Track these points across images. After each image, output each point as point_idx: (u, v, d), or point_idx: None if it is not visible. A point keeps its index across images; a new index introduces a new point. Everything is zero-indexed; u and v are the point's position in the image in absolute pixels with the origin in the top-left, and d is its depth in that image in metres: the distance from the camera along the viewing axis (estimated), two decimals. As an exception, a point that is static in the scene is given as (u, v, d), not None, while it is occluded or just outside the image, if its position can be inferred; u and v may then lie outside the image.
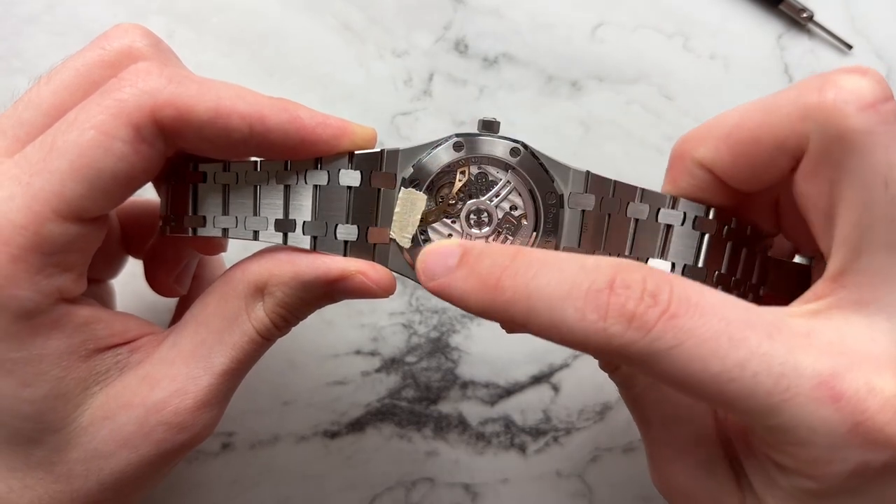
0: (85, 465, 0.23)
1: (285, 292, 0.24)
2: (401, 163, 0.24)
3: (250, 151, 0.24)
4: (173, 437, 0.24)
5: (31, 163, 0.22)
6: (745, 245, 0.25)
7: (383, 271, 0.24)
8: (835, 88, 0.20)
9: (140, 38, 0.24)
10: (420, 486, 0.37)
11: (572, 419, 0.38)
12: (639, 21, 0.41)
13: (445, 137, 0.24)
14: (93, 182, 0.21)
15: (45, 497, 0.23)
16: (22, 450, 0.23)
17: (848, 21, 0.41)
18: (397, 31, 0.40)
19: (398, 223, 0.24)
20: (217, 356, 0.24)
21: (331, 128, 0.23)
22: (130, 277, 0.33)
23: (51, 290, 0.22)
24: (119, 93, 0.22)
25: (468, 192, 0.25)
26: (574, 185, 0.24)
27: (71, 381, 0.23)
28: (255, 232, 0.24)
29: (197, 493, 0.36)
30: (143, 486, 0.25)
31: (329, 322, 0.37)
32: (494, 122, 0.25)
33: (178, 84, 0.22)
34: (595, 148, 0.39)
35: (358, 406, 0.37)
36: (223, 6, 0.39)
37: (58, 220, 0.21)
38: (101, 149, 0.21)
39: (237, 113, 0.22)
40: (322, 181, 0.24)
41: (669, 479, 0.24)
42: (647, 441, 0.25)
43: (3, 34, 0.37)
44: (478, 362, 0.38)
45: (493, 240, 0.25)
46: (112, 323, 0.24)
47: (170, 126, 0.22)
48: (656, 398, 0.24)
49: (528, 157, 0.24)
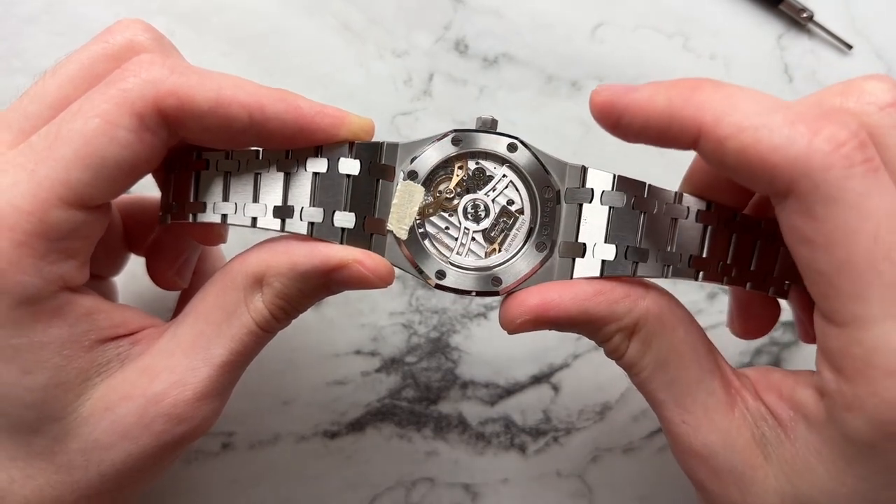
0: (85, 456, 0.23)
1: (283, 283, 0.24)
2: (400, 156, 0.25)
3: (250, 141, 0.24)
4: (173, 428, 0.24)
5: (35, 151, 0.22)
6: (759, 238, 0.25)
7: (380, 260, 0.24)
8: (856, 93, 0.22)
9: (142, 33, 0.25)
10: (420, 486, 0.37)
11: (572, 419, 0.38)
12: (639, 21, 0.41)
13: (444, 133, 0.25)
14: (97, 170, 0.22)
15: (46, 487, 0.23)
16: (23, 439, 0.23)
17: (848, 21, 0.41)
18: (397, 31, 0.40)
19: (396, 215, 0.24)
20: (216, 348, 0.24)
21: (329, 117, 0.24)
22: (131, 278, 0.33)
23: (54, 277, 0.22)
24: (123, 83, 0.22)
25: (465, 187, 0.25)
26: (570, 180, 0.24)
27: (72, 371, 0.23)
28: (253, 218, 0.25)
29: (197, 493, 0.36)
30: (143, 479, 0.25)
31: (329, 322, 0.37)
32: (492, 119, 0.25)
33: (180, 74, 0.23)
34: (595, 148, 0.39)
35: (358, 406, 0.37)
36: (223, 6, 0.39)
37: (62, 206, 0.22)
38: (106, 137, 0.22)
39: (237, 102, 0.23)
40: (321, 168, 0.24)
41: (691, 456, 0.24)
42: (665, 422, 0.25)
43: (3, 34, 0.37)
44: (478, 362, 0.38)
45: (491, 232, 0.25)
46: (113, 314, 0.24)
47: (172, 115, 0.22)
48: (667, 380, 0.24)
49: (525, 153, 0.25)
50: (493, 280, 0.25)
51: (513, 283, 0.25)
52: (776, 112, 0.20)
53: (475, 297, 0.25)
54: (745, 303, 0.30)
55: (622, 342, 0.24)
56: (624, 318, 0.24)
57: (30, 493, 0.23)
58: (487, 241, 0.25)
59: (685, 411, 0.24)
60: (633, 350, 0.24)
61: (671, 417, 0.24)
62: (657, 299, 0.24)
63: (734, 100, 0.21)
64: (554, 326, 0.24)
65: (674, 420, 0.24)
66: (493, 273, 0.25)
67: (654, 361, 0.24)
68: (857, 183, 0.19)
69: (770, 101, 0.21)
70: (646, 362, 0.24)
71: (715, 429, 0.24)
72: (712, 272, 0.24)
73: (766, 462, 0.23)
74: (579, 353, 0.38)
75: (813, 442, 0.22)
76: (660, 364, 0.24)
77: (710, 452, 0.24)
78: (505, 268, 0.25)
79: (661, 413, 0.25)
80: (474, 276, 0.25)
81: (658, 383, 0.24)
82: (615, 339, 0.24)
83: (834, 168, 0.19)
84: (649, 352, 0.24)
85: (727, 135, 0.20)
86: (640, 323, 0.24)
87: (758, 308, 0.30)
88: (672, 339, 0.24)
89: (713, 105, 0.21)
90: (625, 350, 0.24)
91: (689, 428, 0.24)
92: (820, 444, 0.22)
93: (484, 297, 0.32)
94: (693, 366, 0.24)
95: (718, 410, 0.24)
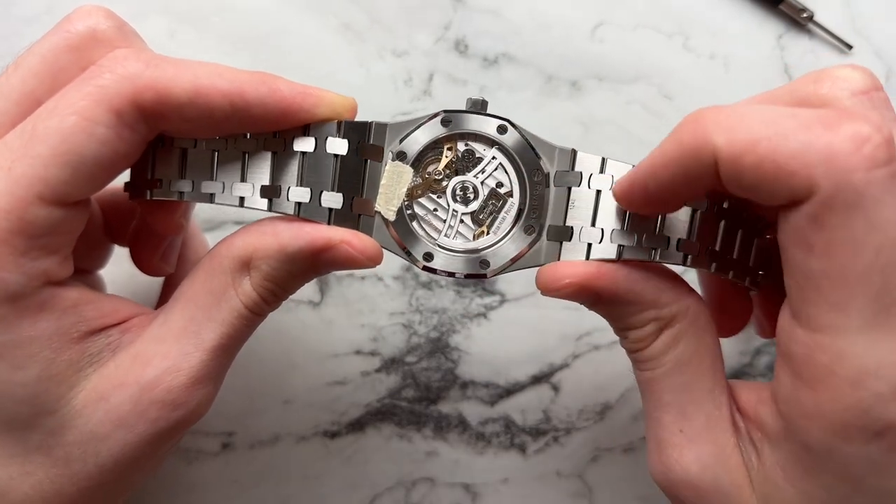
0: (82, 448, 0.23)
1: (271, 265, 0.24)
2: (389, 136, 0.24)
3: (233, 128, 0.24)
4: (168, 414, 0.23)
5: (11, 149, 0.22)
6: (741, 227, 0.25)
7: (368, 240, 0.24)
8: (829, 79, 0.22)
9: (104, 21, 0.24)
10: (420, 486, 0.37)
11: (572, 419, 0.38)
12: (639, 21, 0.41)
13: (433, 113, 0.25)
14: (76, 167, 0.22)
15: (45, 481, 0.23)
16: (19, 435, 0.23)
17: (848, 21, 0.41)
18: (397, 31, 0.40)
19: (384, 196, 0.24)
20: (207, 332, 0.24)
21: (311, 97, 0.23)
22: (129, 277, 0.33)
23: (37, 273, 0.22)
24: (99, 79, 0.22)
25: (455, 169, 0.25)
26: (560, 163, 0.24)
27: (62, 363, 0.23)
28: (240, 198, 0.24)
29: (197, 493, 0.36)
30: (142, 468, 0.25)
31: (329, 322, 0.37)
32: (482, 100, 0.25)
33: (155, 67, 0.22)
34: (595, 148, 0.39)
35: (358, 406, 0.37)
36: (224, 6, 0.39)
37: (41, 204, 0.22)
38: (84, 134, 0.22)
39: (216, 90, 0.22)
40: (309, 148, 0.24)
41: (675, 469, 0.24)
42: (659, 427, 0.24)
43: (3, 34, 0.37)
44: (478, 362, 0.38)
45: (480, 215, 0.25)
46: (101, 304, 0.24)
47: (151, 109, 0.22)
48: (681, 382, 0.24)
49: (514, 135, 0.25)
50: (480, 262, 0.25)
51: (500, 266, 0.24)
52: (787, 118, 0.20)
53: (464, 279, 0.25)
54: (717, 297, 0.30)
55: (652, 332, 0.24)
56: (666, 307, 0.23)
57: (29, 489, 0.23)
58: (476, 224, 0.25)
59: (685, 419, 0.24)
60: (660, 343, 0.24)
61: (669, 423, 0.24)
62: (699, 300, 0.24)
63: (739, 115, 0.20)
64: (593, 298, 0.24)
65: (670, 427, 0.24)
66: (482, 256, 0.25)
67: (676, 360, 0.24)
68: (877, 189, 0.19)
69: (775, 108, 0.20)
70: (667, 359, 0.24)
71: (712, 442, 0.23)
72: (700, 257, 0.24)
73: (750, 486, 0.23)
74: (579, 354, 0.38)
75: (777, 459, 0.22)
76: (680, 364, 0.24)
77: (701, 467, 0.23)
78: (493, 250, 0.25)
79: (660, 416, 0.24)
80: (462, 259, 0.25)
81: (670, 383, 0.24)
82: (648, 328, 0.24)
83: (857, 171, 0.18)
84: (674, 349, 0.24)
85: (741, 151, 0.19)
86: (678, 317, 0.24)
87: (729, 302, 0.29)
88: (699, 343, 0.24)
89: (720, 127, 0.20)
90: (651, 342, 0.24)
91: (684, 438, 0.24)
92: (783, 461, 0.22)
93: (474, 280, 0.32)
94: (708, 374, 0.24)
95: (720, 425, 0.24)
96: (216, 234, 0.37)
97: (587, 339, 0.38)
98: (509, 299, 0.38)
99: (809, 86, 0.22)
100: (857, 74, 0.22)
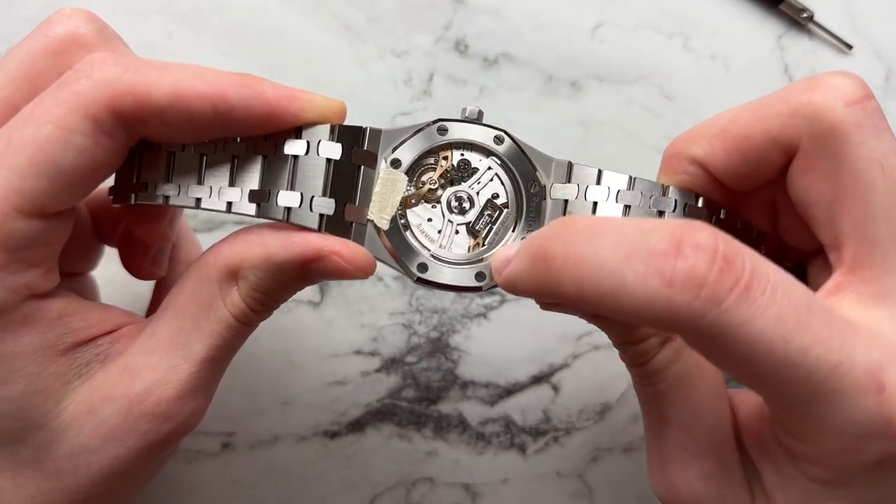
0: (73, 461, 0.23)
1: (258, 276, 0.23)
2: (383, 143, 0.24)
3: (216, 132, 0.23)
4: (158, 427, 0.23)
5: None
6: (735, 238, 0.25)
7: (359, 250, 0.23)
8: (823, 88, 0.22)
9: (84, 24, 0.23)
10: (420, 486, 0.37)
11: (572, 419, 0.38)
12: (639, 21, 0.41)
13: (429, 121, 0.24)
14: (53, 177, 0.21)
15: (37, 495, 0.23)
16: (8, 449, 0.23)
17: (848, 21, 0.41)
18: (397, 31, 0.40)
19: (377, 203, 0.24)
20: (195, 344, 0.23)
21: (297, 100, 0.23)
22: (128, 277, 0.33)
23: (18, 287, 0.21)
24: (75, 85, 0.21)
25: (449, 178, 0.24)
26: (556, 175, 0.24)
27: (49, 377, 0.22)
28: (228, 203, 0.23)
29: (197, 493, 0.36)
30: (134, 480, 0.25)
31: (329, 322, 0.37)
32: (478, 111, 0.24)
33: (134, 72, 0.22)
34: (595, 148, 0.39)
35: (358, 406, 0.37)
36: (223, 6, 0.39)
37: (19, 216, 0.21)
38: (60, 143, 0.21)
39: (197, 94, 0.22)
40: (300, 151, 0.23)
41: (678, 485, 0.23)
42: (661, 443, 0.24)
43: (3, 34, 0.37)
44: (478, 362, 0.38)
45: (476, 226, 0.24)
46: (89, 314, 0.24)
47: (130, 115, 0.22)
48: (683, 397, 0.23)
49: (510, 146, 0.24)
50: (476, 275, 0.24)
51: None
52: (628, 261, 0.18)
53: (459, 293, 0.25)
54: None
55: (654, 346, 0.23)
56: None
57: (22, 502, 0.23)
58: (471, 235, 0.24)
59: (688, 434, 0.23)
60: (661, 357, 0.23)
61: (671, 438, 0.23)
62: None
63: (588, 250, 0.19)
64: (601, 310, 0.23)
65: (673, 442, 0.23)
66: (478, 268, 0.24)
67: (677, 374, 0.23)
68: (735, 315, 0.18)
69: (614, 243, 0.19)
70: (669, 373, 0.23)
71: (715, 458, 0.23)
72: None
73: (753, 501, 0.23)
74: (579, 354, 0.38)
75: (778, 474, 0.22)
76: (681, 379, 0.23)
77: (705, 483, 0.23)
78: (489, 262, 0.24)
79: (662, 431, 0.24)
80: (457, 271, 0.24)
81: (672, 399, 0.24)
82: (651, 341, 0.23)
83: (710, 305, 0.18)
84: (676, 363, 0.23)
85: (595, 302, 0.19)
86: None
87: None
88: (701, 357, 0.23)
89: (567, 270, 0.19)
90: (653, 355, 0.23)
91: (687, 453, 0.23)
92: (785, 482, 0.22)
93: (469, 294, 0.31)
94: (711, 389, 0.24)
95: (723, 440, 0.23)
96: (216, 235, 0.37)
97: (587, 339, 0.38)
98: (509, 299, 0.38)
99: (803, 94, 0.22)
100: (850, 83, 0.22)
